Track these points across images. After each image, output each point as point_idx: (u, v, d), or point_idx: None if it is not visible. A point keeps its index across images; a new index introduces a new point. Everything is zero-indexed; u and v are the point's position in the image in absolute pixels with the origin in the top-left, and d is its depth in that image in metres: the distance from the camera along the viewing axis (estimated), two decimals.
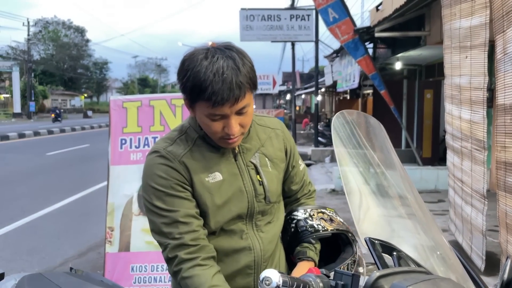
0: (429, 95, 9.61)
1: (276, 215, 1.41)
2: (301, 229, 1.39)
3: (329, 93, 23.78)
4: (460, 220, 3.65)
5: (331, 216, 1.43)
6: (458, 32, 3.29)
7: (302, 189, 1.53)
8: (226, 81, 1.14)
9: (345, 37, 8.11)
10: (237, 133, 1.22)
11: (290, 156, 1.46)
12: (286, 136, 1.45)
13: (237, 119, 1.21)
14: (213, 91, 1.13)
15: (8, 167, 11.31)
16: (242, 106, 1.19)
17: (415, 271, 0.87)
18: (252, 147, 1.36)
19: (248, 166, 1.33)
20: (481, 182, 3.12)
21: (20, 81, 40.98)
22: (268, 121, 1.45)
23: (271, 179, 1.36)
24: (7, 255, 4.79)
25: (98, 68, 65.81)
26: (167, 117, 3.75)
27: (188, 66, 1.18)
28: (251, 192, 1.32)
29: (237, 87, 1.15)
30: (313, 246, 1.38)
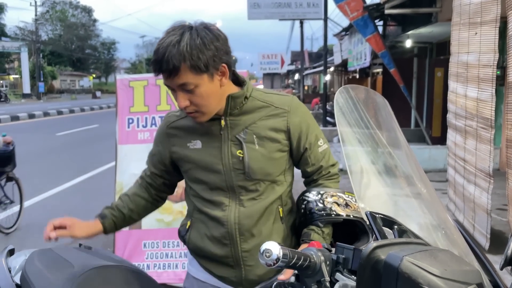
0: (440, 74, 9.47)
1: (265, 194, 1.43)
2: (310, 211, 1.35)
3: (338, 72, 23.55)
4: (461, 199, 3.63)
5: (347, 201, 1.35)
6: (468, 8, 3.22)
7: (320, 171, 1.50)
8: (165, 53, 1.23)
9: (354, 14, 7.98)
10: (185, 108, 1.31)
11: (300, 137, 1.44)
12: (292, 118, 1.42)
13: (185, 96, 1.29)
14: (153, 59, 1.27)
15: (19, 148, 11.37)
16: (181, 82, 1.26)
17: (413, 242, 0.87)
18: (242, 123, 1.40)
19: (231, 141, 1.40)
20: (487, 161, 3.09)
21: (28, 62, 41.11)
22: (276, 99, 1.44)
23: (255, 157, 1.39)
24: (20, 233, 4.89)
25: (106, 48, 65.68)
26: None
27: (161, 38, 1.31)
28: (228, 165, 1.39)
29: (172, 62, 1.22)
30: (320, 230, 1.33)
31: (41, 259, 1.53)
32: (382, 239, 0.92)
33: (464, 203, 3.60)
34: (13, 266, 1.82)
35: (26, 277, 1.41)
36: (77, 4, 60.87)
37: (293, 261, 0.87)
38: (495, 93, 4.65)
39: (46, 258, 1.55)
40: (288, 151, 1.46)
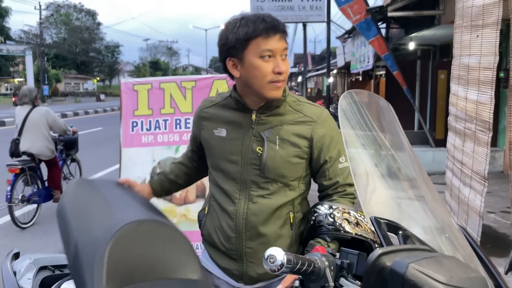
0: (443, 76, 9.45)
1: (275, 194, 1.45)
2: (319, 223, 1.33)
3: (341, 75, 23.54)
4: (456, 202, 3.63)
5: (359, 220, 1.32)
6: (470, 11, 3.22)
7: (335, 187, 1.49)
8: (273, 18, 1.37)
9: (357, 17, 7.98)
10: (283, 73, 1.36)
11: (322, 148, 1.46)
12: (318, 128, 1.45)
13: (282, 61, 1.37)
14: (266, 23, 1.34)
15: None
16: (285, 46, 1.38)
17: (418, 249, 0.87)
18: (269, 122, 1.45)
19: (254, 136, 1.45)
20: (483, 164, 3.09)
21: (33, 65, 41.29)
22: (307, 108, 1.49)
23: (273, 156, 1.42)
24: (25, 236, 4.91)
25: (110, 51, 65.91)
26: (177, 100, 3.76)
27: (233, 22, 1.39)
28: (246, 158, 1.45)
29: (282, 25, 1.37)
30: (326, 244, 1.31)
31: (79, 186, 1.49)
32: (387, 245, 0.92)
33: (458, 206, 3.59)
34: (18, 270, 1.84)
35: (63, 212, 1.36)
36: (81, 7, 61.18)
37: (297, 266, 0.87)
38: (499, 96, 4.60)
39: (83, 186, 1.50)
40: (307, 159, 1.48)
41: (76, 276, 1.21)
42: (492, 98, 3.01)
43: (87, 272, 1.16)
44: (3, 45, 39.60)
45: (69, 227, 1.30)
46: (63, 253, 1.70)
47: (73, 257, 1.23)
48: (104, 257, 1.15)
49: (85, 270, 1.16)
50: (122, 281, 1.19)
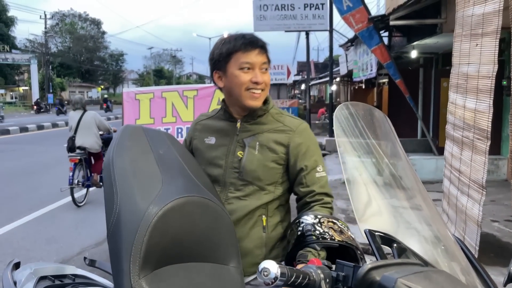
0: (446, 84, 9.39)
1: (250, 197, 1.55)
2: (307, 233, 1.34)
3: (344, 83, 23.56)
4: (454, 211, 3.61)
5: (342, 229, 1.35)
6: (470, 20, 3.22)
7: (313, 195, 1.53)
8: (253, 35, 1.54)
9: (359, 25, 8.01)
10: (261, 83, 1.51)
11: (298, 156, 1.54)
12: (295, 137, 1.56)
13: (262, 74, 1.52)
14: (246, 39, 1.51)
15: (27, 159, 11.55)
16: (265, 60, 1.53)
17: (410, 263, 0.86)
18: (251, 130, 1.59)
19: (238, 142, 1.58)
20: (481, 172, 3.08)
21: (38, 73, 41.61)
22: (288, 120, 1.62)
23: (251, 160, 1.54)
24: (27, 244, 4.91)
25: (114, 60, 66.27)
26: (179, 109, 3.78)
27: (220, 41, 1.57)
28: (229, 163, 1.57)
29: (261, 41, 1.53)
30: (317, 253, 1.33)
31: (133, 148, 1.40)
32: (381, 258, 0.92)
33: (456, 215, 3.58)
34: (18, 280, 1.84)
35: (111, 166, 1.29)
36: (86, 16, 61.65)
37: (291, 279, 0.87)
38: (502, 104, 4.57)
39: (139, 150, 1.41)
40: (283, 166, 1.57)
41: (113, 249, 1.18)
42: (490, 107, 3.00)
43: (124, 250, 1.14)
44: (9, 54, 39.94)
45: (115, 187, 1.25)
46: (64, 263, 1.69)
47: (113, 227, 1.20)
48: (144, 238, 1.13)
49: (123, 248, 1.14)
50: (158, 263, 1.18)
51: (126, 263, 1.14)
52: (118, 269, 1.15)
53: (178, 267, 1.24)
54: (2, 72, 44.89)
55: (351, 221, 5.44)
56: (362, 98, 16.99)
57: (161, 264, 1.21)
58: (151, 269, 1.18)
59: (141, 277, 1.15)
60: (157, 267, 1.20)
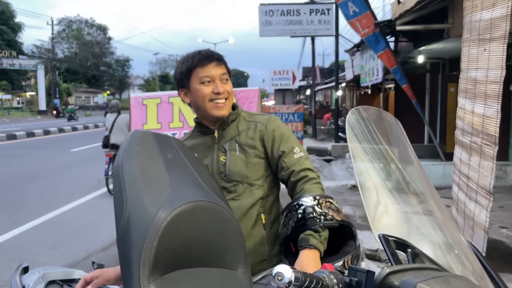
0: (453, 89, 9.40)
1: (242, 195, 1.62)
2: (309, 216, 1.35)
3: (350, 88, 23.54)
4: (462, 217, 3.58)
5: (338, 207, 1.40)
6: (478, 25, 3.21)
7: (296, 174, 1.57)
8: (209, 50, 1.65)
9: (365, 30, 8.00)
10: (223, 93, 1.61)
11: (273, 144, 1.63)
12: (267, 128, 1.65)
13: (223, 84, 1.62)
14: (202, 55, 1.61)
15: (34, 164, 11.61)
16: (223, 72, 1.63)
17: (427, 268, 0.85)
18: (228, 135, 1.68)
19: (219, 150, 1.67)
20: (488, 178, 3.05)
21: (45, 79, 41.93)
22: (257, 117, 1.73)
23: (235, 160, 1.63)
24: (34, 249, 4.93)
25: (120, 65, 66.66)
26: (186, 114, 3.78)
27: (180, 60, 1.69)
28: (215, 169, 1.65)
29: (217, 54, 1.64)
30: (318, 235, 1.34)
31: (141, 153, 1.40)
32: (395, 263, 0.91)
33: (464, 221, 3.54)
34: (27, 284, 1.83)
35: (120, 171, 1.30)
36: (93, 22, 62.12)
37: (305, 284, 0.86)
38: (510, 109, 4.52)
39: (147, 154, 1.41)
40: (265, 159, 1.65)
41: (122, 254, 1.18)
42: (498, 112, 2.98)
43: (134, 254, 1.14)
44: (16, 60, 40.31)
45: (124, 192, 1.25)
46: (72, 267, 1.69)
47: (123, 232, 1.20)
48: (153, 243, 1.13)
49: (132, 252, 1.14)
50: (167, 268, 1.17)
51: (136, 267, 1.14)
52: (128, 274, 1.15)
53: (187, 272, 1.24)
54: (9, 77, 45.28)
55: (358, 227, 5.41)
56: (368, 103, 16.94)
57: (170, 269, 1.20)
58: (160, 274, 1.18)
59: (151, 281, 1.15)
60: (166, 272, 1.20)
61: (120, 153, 1.38)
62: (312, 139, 17.24)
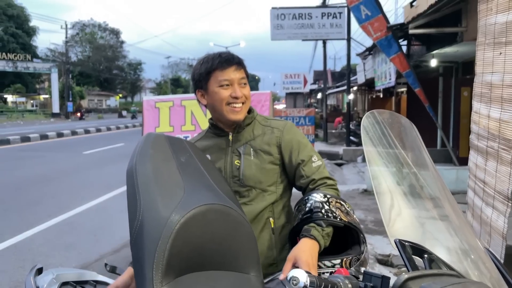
0: (466, 93, 9.31)
1: (255, 200, 1.62)
2: (315, 210, 1.40)
3: (361, 92, 23.44)
4: (479, 222, 3.52)
5: (348, 211, 1.43)
6: (493, 28, 3.17)
7: (315, 182, 1.59)
8: (229, 53, 1.63)
9: (378, 34, 7.97)
10: (241, 98, 1.60)
11: (291, 153, 1.63)
12: (285, 136, 1.66)
13: (241, 88, 1.61)
14: (222, 57, 1.60)
15: (47, 166, 11.74)
16: (243, 76, 1.62)
17: (446, 274, 0.84)
18: (243, 139, 1.68)
19: (233, 153, 1.67)
20: (506, 183, 3.00)
21: (58, 82, 42.48)
22: (273, 122, 1.73)
23: (249, 165, 1.63)
24: (46, 250, 4.97)
25: (132, 69, 67.26)
26: (198, 117, 3.80)
27: (199, 61, 1.67)
28: (229, 173, 1.65)
29: (238, 58, 1.62)
30: (321, 228, 1.37)
31: (155, 156, 1.40)
32: (412, 268, 0.90)
33: (480, 227, 3.49)
34: (41, 285, 1.85)
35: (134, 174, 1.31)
36: (106, 26, 62.83)
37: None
38: None
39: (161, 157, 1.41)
40: (280, 166, 1.65)
41: (136, 256, 1.18)
42: None
43: (147, 257, 1.14)
44: (30, 63, 40.92)
45: (138, 195, 1.26)
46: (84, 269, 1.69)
47: (136, 234, 1.20)
48: (167, 245, 1.13)
49: (146, 255, 1.14)
50: (180, 271, 1.17)
51: (149, 270, 1.14)
52: (141, 276, 1.16)
53: (200, 275, 1.24)
54: (24, 80, 45.96)
55: (370, 232, 5.37)
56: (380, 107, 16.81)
57: (183, 271, 1.21)
58: (173, 277, 1.18)
59: (164, 284, 1.15)
60: (179, 274, 1.20)
61: (134, 155, 1.38)
62: (323, 143, 17.18)
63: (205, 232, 1.23)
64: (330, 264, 1.33)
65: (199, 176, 1.42)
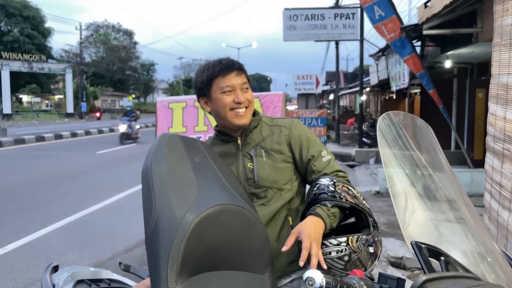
0: (481, 95, 9.19)
1: (272, 200, 1.64)
2: (321, 191, 1.44)
3: (374, 93, 23.29)
4: (495, 226, 3.47)
5: (356, 195, 1.45)
6: (509, 29, 3.13)
7: (326, 176, 1.61)
8: (232, 60, 1.64)
9: (391, 35, 7.91)
10: (243, 102, 1.61)
11: (301, 149, 1.65)
12: (293, 133, 1.67)
13: (243, 93, 1.62)
14: (223, 64, 1.61)
15: (62, 165, 11.89)
16: (244, 81, 1.63)
17: (464, 276, 0.83)
18: (252, 141, 1.69)
19: (245, 156, 1.67)
20: None
21: (72, 82, 42.99)
22: (279, 121, 1.74)
23: (262, 167, 1.64)
24: (61, 249, 5.04)
25: (145, 69, 67.72)
26: (211, 118, 3.81)
27: (200, 69, 1.69)
28: (243, 176, 1.66)
29: (239, 64, 1.63)
30: (326, 208, 1.40)
31: (170, 156, 1.41)
32: (428, 271, 0.90)
33: (497, 230, 3.44)
34: (56, 283, 1.88)
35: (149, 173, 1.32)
36: (119, 27, 63.35)
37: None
38: None
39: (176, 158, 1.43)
40: (292, 163, 1.67)
41: (151, 255, 1.20)
42: None
43: (162, 256, 1.15)
44: (45, 64, 41.49)
45: (153, 194, 1.27)
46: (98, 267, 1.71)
47: (151, 234, 1.22)
48: (181, 245, 1.15)
49: (161, 254, 1.16)
50: (194, 270, 1.19)
51: (164, 269, 1.15)
52: (156, 275, 1.17)
53: (213, 274, 1.25)
54: (39, 81, 46.59)
55: (382, 234, 5.32)
56: (393, 108, 16.72)
57: (197, 271, 1.22)
58: (188, 276, 1.19)
59: (178, 283, 1.16)
60: (193, 274, 1.21)
61: (149, 156, 1.39)
62: (335, 144, 17.10)
63: (219, 232, 1.24)
64: (336, 242, 1.34)
65: (213, 177, 1.43)
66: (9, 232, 5.58)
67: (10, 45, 41.64)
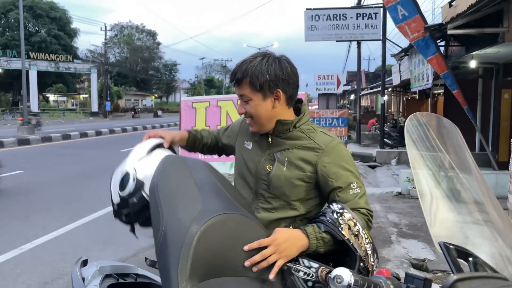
0: (507, 95, 8.99)
1: (277, 210, 1.58)
2: (323, 214, 1.40)
3: (396, 93, 22.98)
4: None
5: (360, 235, 1.31)
6: None
7: None
8: (237, 68, 1.57)
9: (415, 35, 7.79)
10: (242, 114, 1.63)
11: (328, 176, 1.51)
12: (324, 156, 1.53)
13: (243, 104, 1.60)
14: (232, 71, 1.62)
15: (87, 163, 12.14)
16: (241, 93, 1.58)
17: (494, 277, 0.84)
18: (283, 145, 1.61)
19: (268, 156, 1.63)
20: None
21: (97, 82, 43.82)
22: (318, 136, 1.59)
23: (279, 176, 1.57)
24: (86, 244, 5.16)
25: (167, 69, 68.44)
26: (233, 117, 3.86)
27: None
28: (258, 173, 1.63)
29: (238, 75, 1.56)
30: (318, 229, 1.36)
31: (174, 174, 1.48)
32: (457, 271, 0.90)
33: None
34: (86, 276, 1.95)
35: (156, 190, 1.40)
36: (143, 28, 64.20)
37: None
38: None
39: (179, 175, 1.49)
40: (310, 184, 1.56)
41: (162, 264, 1.26)
42: None
43: (172, 264, 1.21)
44: (71, 64, 42.41)
45: (160, 208, 1.34)
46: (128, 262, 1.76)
47: (160, 244, 1.28)
48: (189, 252, 1.20)
49: (170, 262, 1.21)
50: (202, 276, 1.24)
51: (174, 276, 1.21)
52: (167, 282, 1.23)
53: (222, 280, 1.30)
54: (65, 80, 47.65)
55: (404, 235, 5.28)
56: (415, 109, 16.47)
57: (206, 276, 1.27)
58: (197, 281, 1.24)
59: (189, 287, 1.21)
60: (202, 279, 1.26)
61: (155, 175, 1.49)
62: (356, 145, 16.96)
63: (225, 239, 1.30)
64: (308, 264, 1.29)
65: (216, 191, 1.48)
66: (37, 228, 5.74)
67: (37, 46, 42.71)
